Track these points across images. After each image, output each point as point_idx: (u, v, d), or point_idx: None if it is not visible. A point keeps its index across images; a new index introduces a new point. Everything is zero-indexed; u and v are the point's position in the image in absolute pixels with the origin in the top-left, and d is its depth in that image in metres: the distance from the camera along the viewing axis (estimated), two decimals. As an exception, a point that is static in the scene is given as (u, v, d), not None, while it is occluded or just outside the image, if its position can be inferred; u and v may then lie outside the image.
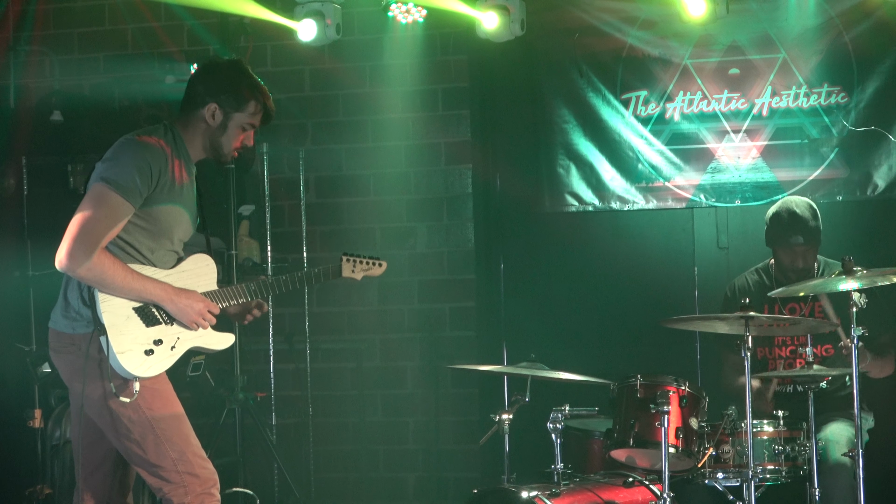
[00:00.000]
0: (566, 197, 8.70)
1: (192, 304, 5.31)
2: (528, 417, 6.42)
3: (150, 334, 5.26)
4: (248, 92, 5.44)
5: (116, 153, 5.26)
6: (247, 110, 5.44)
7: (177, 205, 5.36)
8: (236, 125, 5.44)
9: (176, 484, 5.28)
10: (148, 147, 5.27)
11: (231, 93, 5.41)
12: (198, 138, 5.44)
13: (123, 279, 5.14)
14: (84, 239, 5.08)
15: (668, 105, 8.51)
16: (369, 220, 8.98)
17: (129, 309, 5.22)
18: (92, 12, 9.23)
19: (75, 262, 5.08)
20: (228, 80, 5.44)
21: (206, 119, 5.41)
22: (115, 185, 5.14)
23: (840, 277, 5.92)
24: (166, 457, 5.28)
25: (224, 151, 5.48)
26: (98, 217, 5.12)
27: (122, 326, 5.19)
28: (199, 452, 5.37)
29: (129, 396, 5.20)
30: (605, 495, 6.13)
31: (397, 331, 8.92)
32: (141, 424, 5.26)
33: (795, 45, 8.31)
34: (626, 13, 8.51)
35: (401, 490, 8.89)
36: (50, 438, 7.91)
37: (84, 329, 5.23)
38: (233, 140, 5.46)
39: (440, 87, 8.88)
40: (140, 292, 5.19)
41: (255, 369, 8.67)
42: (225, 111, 5.41)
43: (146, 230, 5.29)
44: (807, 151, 8.33)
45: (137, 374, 5.21)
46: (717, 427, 6.15)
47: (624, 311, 8.48)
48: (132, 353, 5.20)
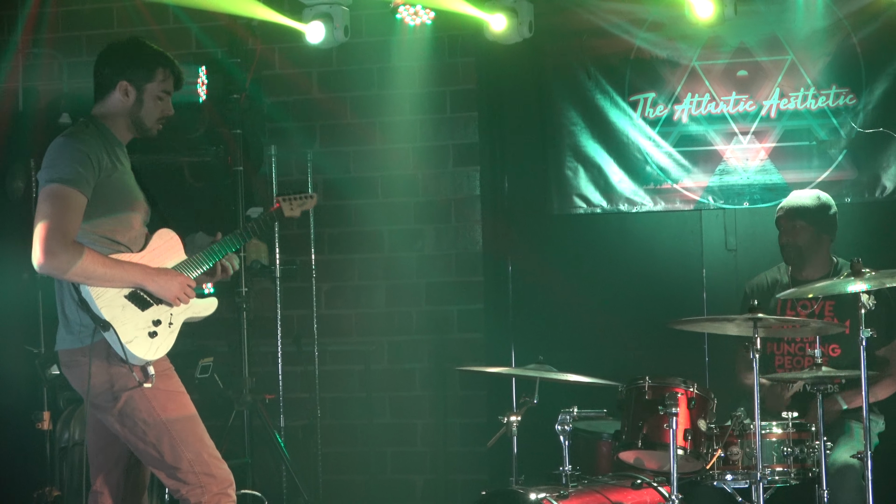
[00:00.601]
0: (574, 199, 8.70)
1: (171, 280, 5.36)
2: (537, 419, 6.41)
3: (148, 317, 5.32)
4: (152, 61, 5.51)
5: (51, 156, 5.31)
6: (156, 79, 5.50)
7: (124, 185, 5.41)
8: (151, 96, 5.49)
9: (193, 485, 5.32)
10: (78, 139, 5.33)
11: (137, 66, 5.48)
12: (119, 120, 5.49)
13: (104, 265, 5.19)
14: (53, 234, 5.11)
15: (676, 107, 8.51)
16: (377, 222, 8.98)
17: (122, 298, 5.27)
18: (100, 15, 9.24)
19: (53, 257, 5.10)
20: (132, 55, 5.51)
21: (120, 99, 5.47)
22: (62, 181, 5.18)
23: (849, 279, 5.91)
24: (182, 458, 5.32)
25: (147, 125, 5.53)
26: (58, 213, 5.15)
27: (122, 317, 5.24)
28: (214, 453, 5.42)
29: (150, 381, 5.26)
30: (613, 497, 6.12)
31: (405, 333, 8.92)
32: (156, 427, 5.31)
33: (803, 47, 8.30)
34: (634, 15, 8.51)
35: (409, 492, 8.89)
36: (58, 440, 7.93)
37: (88, 340, 5.26)
38: (153, 112, 5.52)
39: (448, 90, 8.89)
40: (122, 277, 5.24)
41: (264, 371, 8.67)
42: (136, 85, 5.47)
43: (111, 218, 5.34)
44: (815, 153, 8.32)
45: (148, 359, 5.28)
46: (726, 429, 6.15)
47: (632, 313, 8.47)
48: (139, 340, 5.26)
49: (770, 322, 6.08)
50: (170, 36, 8.96)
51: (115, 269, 5.22)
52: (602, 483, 6.26)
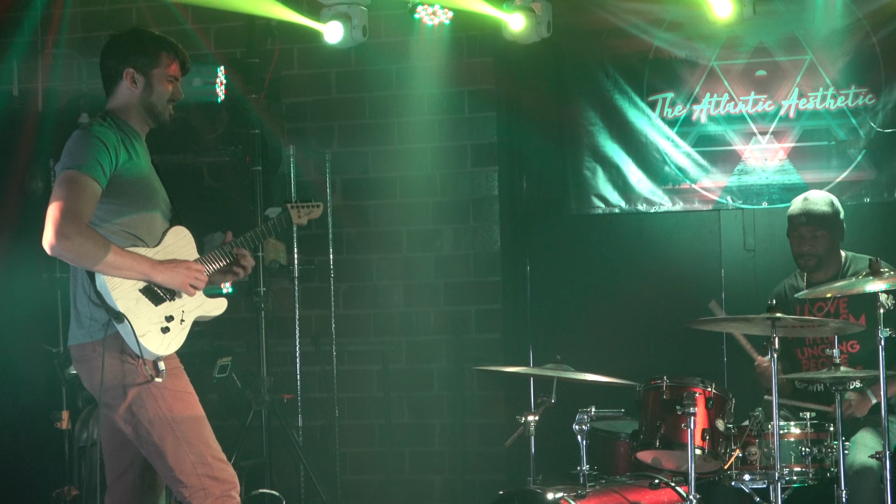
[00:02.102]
0: (592, 199, 8.69)
1: (178, 270, 5.35)
2: (554, 419, 6.41)
3: (161, 312, 5.32)
4: (155, 46, 5.50)
5: (69, 147, 5.31)
6: (162, 63, 5.48)
7: (143, 178, 5.41)
8: (159, 80, 5.48)
9: (195, 487, 5.30)
10: (96, 130, 5.32)
11: (140, 53, 5.46)
12: (132, 110, 5.48)
13: (114, 252, 5.17)
14: (66, 217, 5.10)
15: (694, 107, 8.50)
16: (396, 222, 8.99)
17: (137, 291, 5.27)
18: (119, 15, 9.26)
19: (65, 239, 5.09)
20: (134, 43, 5.50)
21: (129, 87, 5.46)
22: (78, 167, 5.19)
23: (867, 278, 5.90)
24: (185, 459, 5.30)
25: (159, 110, 5.51)
26: (73, 197, 5.15)
27: (136, 310, 5.24)
28: (218, 455, 5.39)
29: (161, 376, 5.26)
30: (631, 497, 6.11)
31: (423, 333, 8.93)
32: (161, 426, 5.29)
33: (822, 47, 8.28)
34: (653, 15, 8.50)
35: (427, 492, 8.89)
36: (77, 440, 7.94)
37: (100, 334, 5.26)
38: (163, 97, 5.50)
39: (466, 90, 8.89)
40: (131, 266, 5.23)
41: (282, 371, 8.68)
42: (143, 71, 5.45)
43: (127, 210, 5.34)
44: (834, 153, 8.31)
45: (160, 354, 5.28)
46: (744, 429, 6.15)
47: (650, 313, 8.47)
48: (151, 334, 5.26)
49: (788, 322, 6.07)
50: (189, 36, 8.96)
51: (125, 258, 5.21)
52: (620, 483, 6.26)
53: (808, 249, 7.03)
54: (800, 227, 7.04)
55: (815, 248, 7.02)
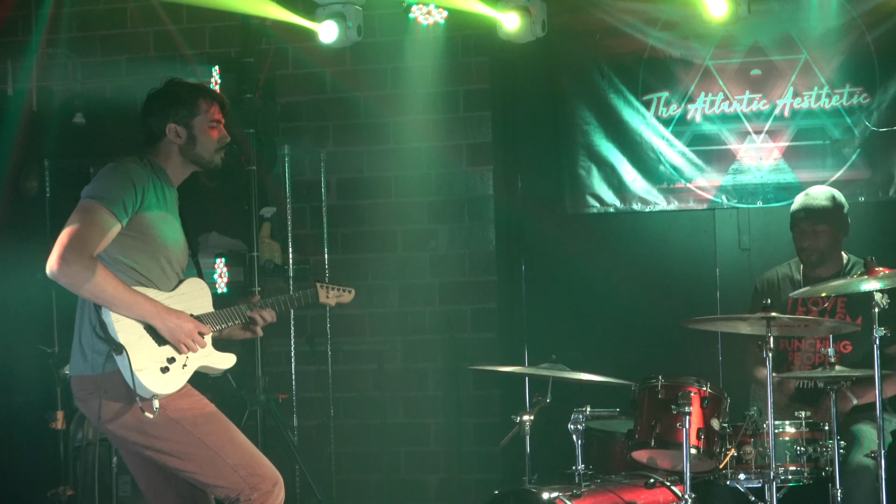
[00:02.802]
0: (587, 198, 8.69)
1: (181, 324, 5.31)
2: (550, 419, 6.41)
3: (163, 352, 5.29)
4: (191, 95, 5.50)
5: (99, 176, 5.33)
6: (201, 110, 5.49)
7: (168, 224, 5.41)
8: (202, 130, 5.48)
9: (242, 489, 5.31)
10: (129, 167, 5.33)
11: (178, 105, 5.46)
12: (176, 161, 5.48)
13: (115, 288, 5.14)
14: (74, 245, 5.10)
15: (689, 106, 8.50)
16: (391, 222, 8.98)
17: (141, 328, 5.24)
18: (114, 15, 9.26)
19: (66, 265, 5.08)
20: (170, 98, 5.49)
21: (173, 141, 5.46)
22: (100, 199, 5.18)
23: (862, 278, 5.90)
24: (225, 467, 5.31)
25: (207, 159, 5.52)
26: (85, 227, 5.14)
27: (137, 345, 5.21)
28: (254, 452, 5.41)
29: (152, 413, 5.20)
30: (626, 496, 6.12)
31: (419, 332, 8.92)
32: (191, 445, 5.29)
33: (817, 46, 8.28)
34: (648, 14, 8.50)
35: (422, 492, 8.89)
36: (72, 440, 7.95)
37: (101, 368, 5.22)
38: (208, 144, 5.51)
39: (461, 89, 8.89)
40: (132, 305, 5.19)
41: (277, 371, 8.68)
42: (184, 124, 5.46)
43: (144, 251, 5.33)
44: (829, 152, 8.31)
45: (156, 392, 5.23)
46: (739, 428, 6.13)
47: (645, 313, 8.47)
48: (149, 371, 5.22)
49: (783, 321, 6.07)
50: (183, 35, 8.99)
51: (126, 296, 5.17)
52: (615, 482, 6.25)
53: (809, 245, 7.03)
54: (800, 222, 7.06)
55: (815, 244, 7.02)
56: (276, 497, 5.37)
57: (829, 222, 7.01)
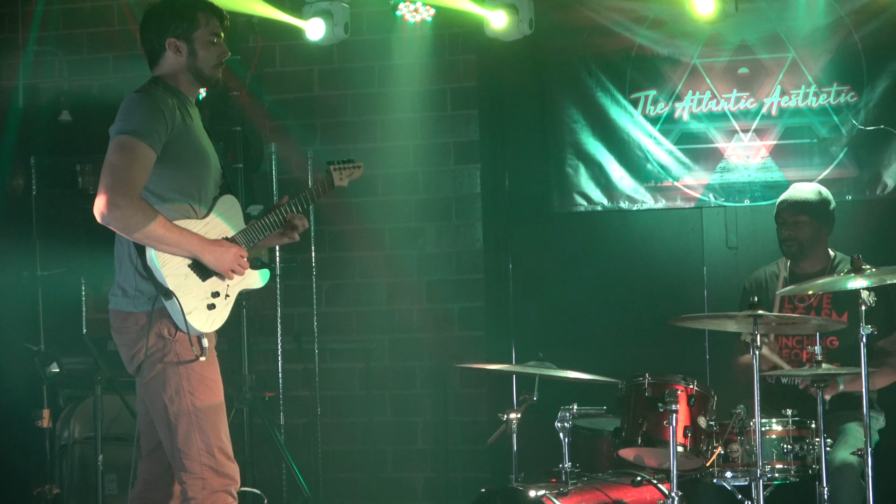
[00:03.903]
0: (575, 197, 8.69)
1: (225, 253, 5.33)
2: (537, 417, 6.42)
3: (207, 288, 5.31)
4: (190, 9, 5.46)
5: (123, 111, 5.28)
6: (201, 24, 5.44)
7: (199, 141, 5.40)
8: (202, 44, 5.44)
9: (195, 475, 5.28)
10: (151, 94, 5.31)
11: (177, 19, 5.42)
12: (181, 77, 5.45)
13: (164, 227, 5.15)
14: (120, 186, 5.08)
15: (677, 104, 8.50)
16: (378, 219, 8.97)
17: (185, 267, 5.26)
18: (101, 13, 9.24)
19: (116, 209, 5.07)
20: (167, 12, 5.45)
21: (174, 56, 5.43)
22: (133, 133, 5.16)
23: (849, 276, 5.91)
24: (193, 445, 5.28)
25: (207, 74, 5.48)
26: (126, 164, 5.12)
27: (185, 287, 5.23)
28: (226, 450, 5.38)
29: (203, 354, 5.26)
30: (613, 494, 6.12)
31: (406, 330, 8.92)
32: (179, 405, 5.27)
33: (805, 45, 8.29)
34: (635, 13, 8.50)
35: (409, 490, 8.89)
36: (58, 438, 7.93)
37: (145, 306, 5.24)
38: (209, 59, 5.46)
39: (449, 87, 8.88)
40: (180, 243, 5.20)
41: (264, 369, 8.67)
42: (184, 38, 5.42)
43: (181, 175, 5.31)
44: (816, 151, 8.32)
45: (205, 330, 5.28)
46: (726, 426, 6.14)
47: (633, 311, 8.47)
48: (198, 311, 5.26)
49: (770, 319, 6.07)
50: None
51: (175, 235, 5.18)
52: (602, 480, 6.26)
53: (789, 234, 7.05)
54: (783, 212, 7.09)
55: (795, 234, 7.04)
56: (223, 499, 5.32)
57: (810, 214, 7.02)
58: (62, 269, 8.20)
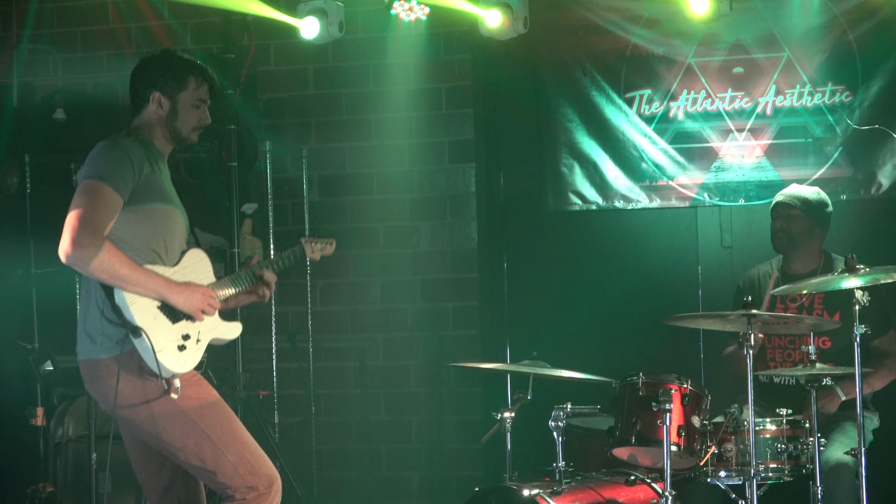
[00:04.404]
0: (570, 196, 8.69)
1: (193, 293, 5.31)
2: (531, 416, 6.41)
3: (178, 330, 5.29)
4: (183, 70, 5.48)
5: (91, 157, 5.30)
6: (189, 87, 5.46)
7: (165, 195, 5.39)
8: (185, 106, 5.46)
9: (239, 487, 5.30)
10: (121, 143, 5.32)
11: (168, 76, 5.44)
12: (157, 131, 5.46)
13: (129, 267, 5.14)
14: (85, 227, 5.07)
15: (671, 104, 8.50)
16: (372, 218, 8.97)
17: (154, 308, 5.24)
18: (95, 11, 9.24)
19: (81, 248, 5.06)
20: (162, 67, 5.48)
21: (155, 110, 5.45)
22: (100, 177, 5.17)
23: (843, 275, 5.91)
24: (225, 462, 5.29)
25: (184, 135, 5.49)
26: (92, 207, 5.12)
27: (154, 325, 5.20)
28: (257, 451, 5.40)
29: (176, 392, 5.22)
30: (606, 494, 6.12)
31: (400, 330, 8.92)
32: (195, 436, 5.28)
33: (800, 44, 8.29)
34: (630, 12, 8.50)
35: (404, 489, 8.89)
36: (52, 436, 7.93)
37: (114, 350, 5.21)
38: (189, 121, 5.48)
39: (443, 86, 8.88)
40: (146, 283, 5.19)
41: (258, 368, 8.66)
42: (169, 95, 5.44)
43: (147, 225, 5.31)
44: (811, 150, 8.32)
45: (177, 371, 5.24)
46: (720, 425, 6.14)
47: (627, 310, 8.47)
48: (168, 351, 5.22)
49: (764, 318, 6.08)
50: (165, 31, 8.96)
51: (140, 274, 5.16)
52: (596, 479, 6.26)
53: (780, 226, 7.06)
54: (777, 206, 7.12)
55: (786, 226, 7.05)
56: (272, 499, 5.36)
57: (804, 209, 7.03)
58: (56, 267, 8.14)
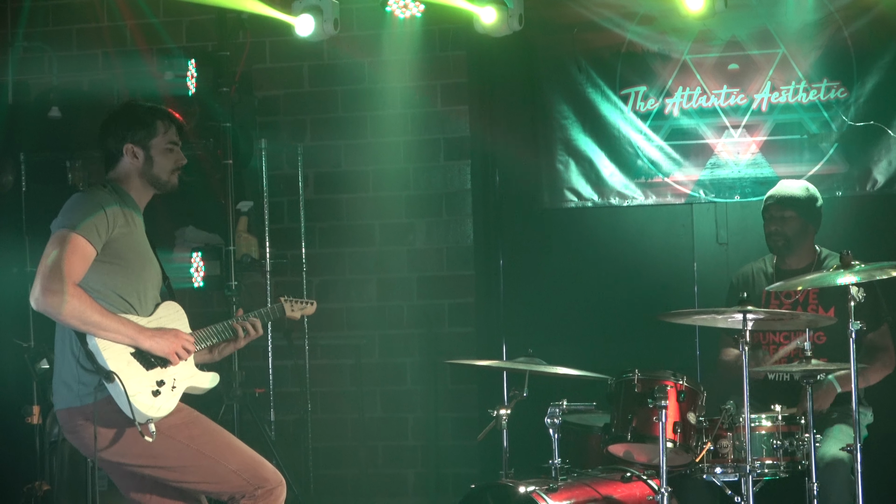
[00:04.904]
0: (565, 192, 8.69)
1: (166, 337, 5.37)
2: (527, 413, 6.42)
3: (152, 376, 5.32)
4: (149, 117, 5.54)
5: (66, 208, 5.35)
6: (159, 132, 5.53)
7: (139, 247, 5.45)
8: (159, 151, 5.52)
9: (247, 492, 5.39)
10: (96, 194, 5.38)
11: (136, 126, 5.50)
12: (135, 182, 5.51)
13: (101, 314, 5.18)
14: (56, 274, 5.12)
15: (667, 100, 8.50)
16: (368, 216, 8.97)
17: (128, 354, 5.27)
18: (90, 8, 9.22)
19: (52, 295, 5.11)
20: (127, 118, 5.54)
21: (131, 162, 5.49)
22: (73, 227, 5.21)
23: (838, 271, 5.91)
24: (228, 473, 5.37)
25: (164, 179, 5.55)
26: (64, 255, 5.17)
27: (127, 371, 5.23)
28: (254, 455, 5.49)
29: (150, 436, 5.23)
30: (602, 490, 6.13)
31: (396, 327, 8.91)
32: (191, 458, 5.35)
33: (795, 41, 8.29)
34: (625, 8, 8.50)
35: (400, 486, 8.89)
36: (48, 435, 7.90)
37: (91, 398, 5.23)
38: (166, 166, 5.54)
39: (439, 83, 8.88)
40: (117, 329, 5.23)
41: (254, 365, 8.66)
42: (141, 144, 5.49)
43: (120, 276, 5.35)
44: (806, 147, 8.32)
45: (151, 416, 5.26)
46: (715, 422, 6.15)
47: (623, 307, 8.46)
48: (143, 396, 5.24)
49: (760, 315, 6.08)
50: (160, 29, 8.95)
51: (112, 321, 5.20)
52: (592, 476, 6.27)
53: (775, 229, 7.08)
54: (770, 207, 7.13)
55: (781, 229, 7.06)
56: (277, 497, 5.43)
57: (797, 209, 7.04)
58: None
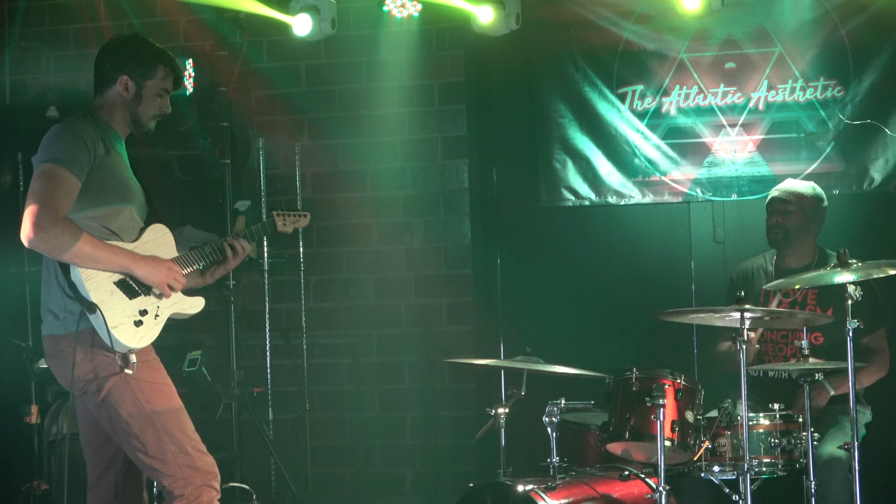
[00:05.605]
0: (563, 191, 8.69)
1: (159, 267, 5.37)
2: (525, 411, 6.41)
3: (135, 305, 5.32)
4: (154, 58, 5.53)
5: (45, 141, 5.34)
6: (157, 76, 5.52)
7: (121, 172, 5.44)
8: (150, 93, 5.52)
9: (175, 477, 5.33)
10: (75, 125, 5.36)
11: (138, 62, 5.49)
12: (117, 113, 5.51)
13: (93, 245, 5.19)
14: (44, 210, 5.12)
15: (664, 99, 8.50)
16: (366, 215, 8.98)
17: (111, 284, 5.28)
18: (88, 8, 9.21)
19: (43, 231, 5.10)
20: (133, 52, 5.52)
21: (120, 93, 5.49)
22: (56, 161, 5.21)
23: (836, 270, 5.92)
24: (166, 450, 5.33)
25: (143, 121, 5.55)
26: (51, 190, 5.16)
27: (110, 302, 5.24)
28: (198, 446, 5.43)
29: (131, 368, 5.25)
30: (600, 489, 6.13)
31: (394, 326, 8.92)
32: (140, 418, 5.31)
33: (791, 39, 8.29)
34: (622, 7, 8.50)
35: (398, 485, 8.89)
36: (47, 434, 7.91)
37: (75, 327, 5.25)
38: (150, 108, 5.54)
39: (436, 82, 8.88)
40: (110, 259, 5.24)
41: (252, 365, 8.66)
42: (136, 81, 5.49)
43: (105, 202, 5.35)
44: (803, 145, 8.33)
45: (132, 346, 5.28)
46: (713, 420, 6.15)
47: (620, 305, 8.47)
48: (124, 327, 5.26)
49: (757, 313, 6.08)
50: (157, 29, 8.94)
51: (104, 252, 5.22)
52: (590, 475, 6.26)
53: (776, 221, 7.11)
54: (773, 201, 7.16)
55: (782, 222, 7.09)
56: (208, 493, 5.39)
57: (800, 204, 7.07)
58: (50, 265, 8.19)
